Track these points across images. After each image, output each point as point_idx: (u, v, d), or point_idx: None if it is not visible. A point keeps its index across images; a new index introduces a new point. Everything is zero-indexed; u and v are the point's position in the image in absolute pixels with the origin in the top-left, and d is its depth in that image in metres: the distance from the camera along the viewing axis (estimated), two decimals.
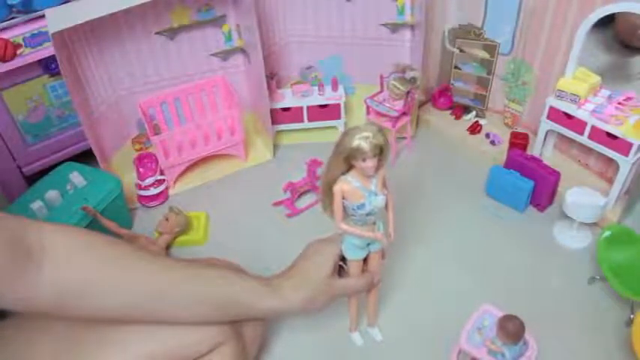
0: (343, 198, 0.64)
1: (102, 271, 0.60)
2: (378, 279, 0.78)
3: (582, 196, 0.94)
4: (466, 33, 1.20)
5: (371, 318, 0.84)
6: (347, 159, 0.61)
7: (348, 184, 0.63)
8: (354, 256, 0.72)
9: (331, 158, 0.64)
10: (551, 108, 1.03)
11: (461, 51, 1.23)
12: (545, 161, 1.05)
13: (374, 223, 0.69)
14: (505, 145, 1.18)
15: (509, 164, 1.06)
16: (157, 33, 1.11)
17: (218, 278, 0.68)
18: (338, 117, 1.25)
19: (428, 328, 0.86)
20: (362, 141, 0.58)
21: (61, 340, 0.64)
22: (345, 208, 0.65)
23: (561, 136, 1.09)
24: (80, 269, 0.58)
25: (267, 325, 0.82)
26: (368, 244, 0.71)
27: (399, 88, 1.12)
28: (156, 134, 1.09)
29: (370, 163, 0.60)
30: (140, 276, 0.62)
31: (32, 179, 1.08)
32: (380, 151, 0.60)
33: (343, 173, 0.64)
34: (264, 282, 0.70)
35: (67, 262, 0.57)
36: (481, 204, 1.08)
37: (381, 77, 1.16)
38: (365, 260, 0.74)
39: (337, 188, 0.63)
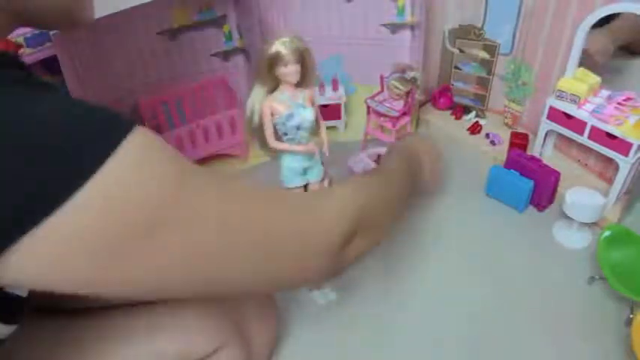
0: (272, 115, 0.65)
1: None
2: None
3: (582, 196, 0.94)
4: (466, 33, 1.21)
5: None
6: (270, 71, 0.62)
7: (275, 99, 0.65)
8: (293, 182, 0.72)
9: (257, 84, 0.66)
10: (551, 108, 1.03)
11: (461, 51, 1.23)
12: (545, 161, 1.05)
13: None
14: (505, 145, 1.18)
15: (509, 164, 1.06)
16: (157, 33, 1.11)
17: None
18: (338, 117, 1.26)
19: (425, 327, 0.86)
20: (280, 45, 0.61)
21: (59, 341, 0.64)
22: (276, 130, 0.66)
23: (561, 136, 1.09)
24: None
25: (275, 331, 0.80)
26: (305, 172, 0.72)
27: (399, 88, 1.12)
28: (157, 134, 1.09)
29: (292, 68, 0.62)
30: None
31: None
32: (301, 58, 0.63)
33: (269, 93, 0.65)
34: None
35: None
36: (481, 204, 1.08)
37: (381, 77, 1.16)
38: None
39: (265, 105, 0.65)
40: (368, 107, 1.18)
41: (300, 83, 0.67)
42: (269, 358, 0.79)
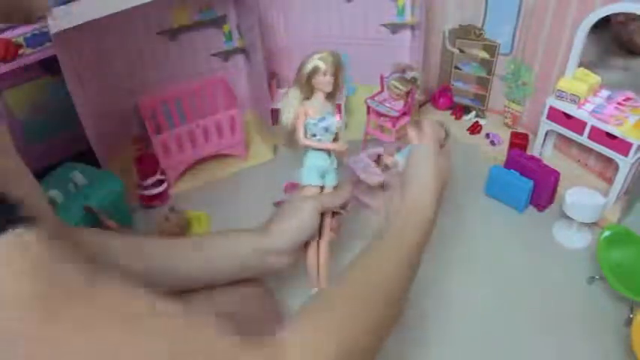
0: (306, 116, 0.73)
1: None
2: (333, 233, 0.79)
3: (582, 196, 0.95)
4: (466, 33, 1.21)
5: (321, 279, 0.81)
6: (308, 80, 0.71)
7: (310, 104, 0.73)
8: (310, 181, 0.77)
9: (294, 88, 0.73)
10: (551, 108, 1.03)
11: (461, 51, 1.23)
12: (545, 161, 1.05)
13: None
14: (505, 145, 1.18)
15: (509, 164, 1.06)
16: (157, 33, 1.12)
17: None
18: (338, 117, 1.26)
19: (425, 327, 0.86)
20: (319, 60, 0.71)
21: None
22: (305, 131, 0.74)
23: (561, 136, 1.09)
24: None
25: None
26: (324, 176, 0.76)
27: (399, 88, 1.13)
28: (157, 134, 1.09)
29: (329, 78, 0.71)
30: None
31: None
32: (336, 71, 0.72)
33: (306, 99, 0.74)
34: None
35: None
36: (481, 204, 1.08)
37: (381, 77, 1.17)
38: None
39: (301, 109, 0.73)
40: (368, 107, 1.18)
41: (331, 95, 0.75)
42: None
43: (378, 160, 1.13)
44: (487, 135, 1.24)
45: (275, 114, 1.21)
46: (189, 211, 1.06)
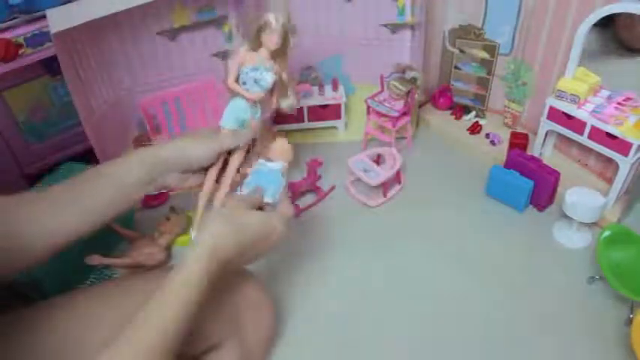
0: (242, 64, 0.74)
1: None
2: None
3: (582, 196, 0.95)
4: (466, 33, 1.21)
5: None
6: (257, 34, 0.73)
7: (251, 54, 0.75)
8: (226, 124, 0.77)
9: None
10: (551, 108, 1.03)
11: (461, 51, 1.23)
12: (545, 161, 1.05)
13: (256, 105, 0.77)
14: (505, 145, 1.18)
15: (509, 164, 1.06)
16: (158, 33, 1.11)
17: None
18: (338, 117, 1.26)
19: (427, 327, 0.86)
20: (271, 17, 0.73)
21: (64, 330, 0.63)
22: (239, 77, 0.75)
23: (561, 136, 1.09)
24: None
25: (272, 330, 0.80)
26: (243, 125, 0.76)
27: (399, 88, 1.13)
28: (157, 134, 1.09)
29: (275, 37, 0.73)
30: None
31: (33, 179, 1.09)
32: (284, 33, 0.74)
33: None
34: None
35: None
36: (481, 204, 1.08)
37: (381, 77, 1.17)
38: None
39: (241, 55, 0.75)
40: (368, 107, 1.18)
41: (277, 55, 0.76)
42: (265, 357, 0.79)
43: (377, 160, 1.13)
44: (487, 135, 1.24)
45: (274, 114, 1.21)
46: (189, 211, 1.06)
